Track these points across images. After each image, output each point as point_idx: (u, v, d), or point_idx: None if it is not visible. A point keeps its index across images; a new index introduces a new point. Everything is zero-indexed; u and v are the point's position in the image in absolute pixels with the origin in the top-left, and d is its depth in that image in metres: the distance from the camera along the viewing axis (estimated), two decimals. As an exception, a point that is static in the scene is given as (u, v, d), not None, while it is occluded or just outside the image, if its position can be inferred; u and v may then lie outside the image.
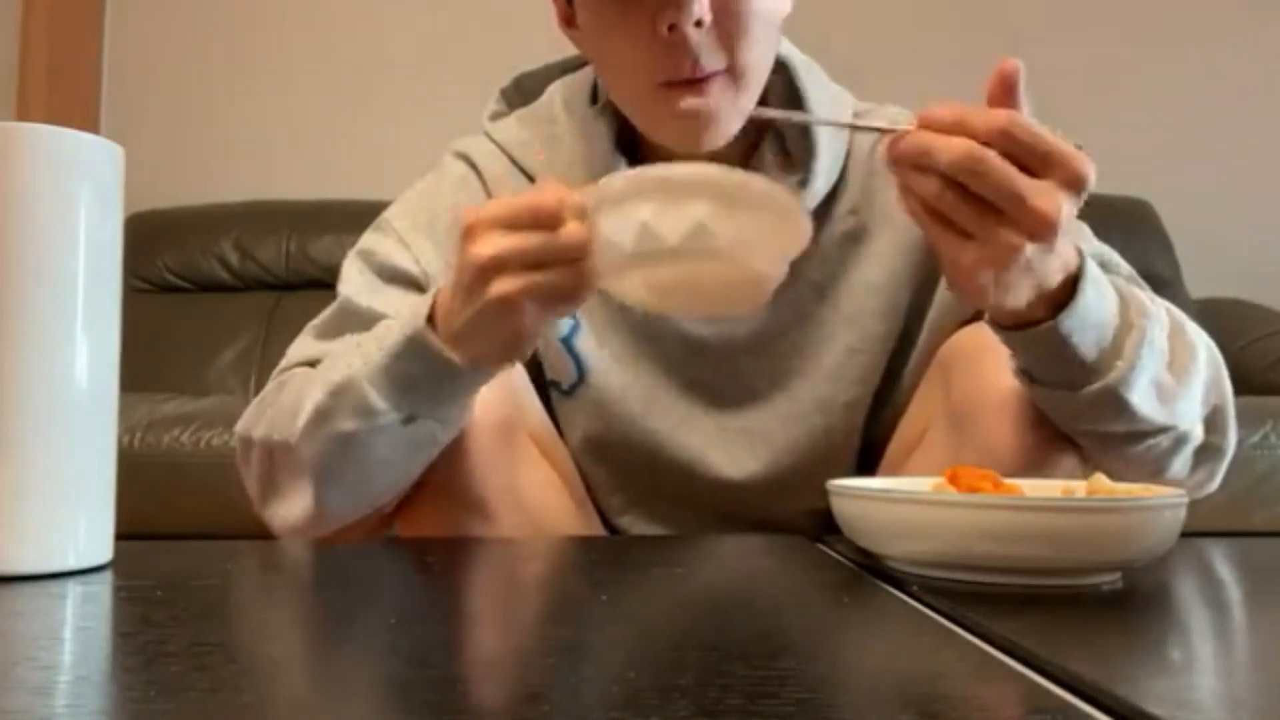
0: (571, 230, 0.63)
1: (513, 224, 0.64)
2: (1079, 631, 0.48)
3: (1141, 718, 0.33)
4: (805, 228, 0.61)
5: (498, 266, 0.64)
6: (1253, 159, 2.63)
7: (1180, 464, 0.77)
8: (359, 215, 2.43)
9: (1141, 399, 0.71)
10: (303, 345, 0.88)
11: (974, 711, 0.35)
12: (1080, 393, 0.70)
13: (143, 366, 2.14)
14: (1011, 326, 0.69)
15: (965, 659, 0.42)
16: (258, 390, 0.86)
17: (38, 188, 0.55)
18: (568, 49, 1.00)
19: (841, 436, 0.92)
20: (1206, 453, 0.79)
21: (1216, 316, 2.38)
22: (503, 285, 0.64)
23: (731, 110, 0.82)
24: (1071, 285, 0.67)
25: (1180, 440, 0.76)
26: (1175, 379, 0.73)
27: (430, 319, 0.70)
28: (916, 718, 0.34)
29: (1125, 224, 2.38)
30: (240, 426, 0.83)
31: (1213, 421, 0.79)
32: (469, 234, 0.65)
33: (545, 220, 0.63)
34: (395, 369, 0.70)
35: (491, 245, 0.64)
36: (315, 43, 2.65)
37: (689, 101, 0.80)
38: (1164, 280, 2.34)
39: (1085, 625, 0.49)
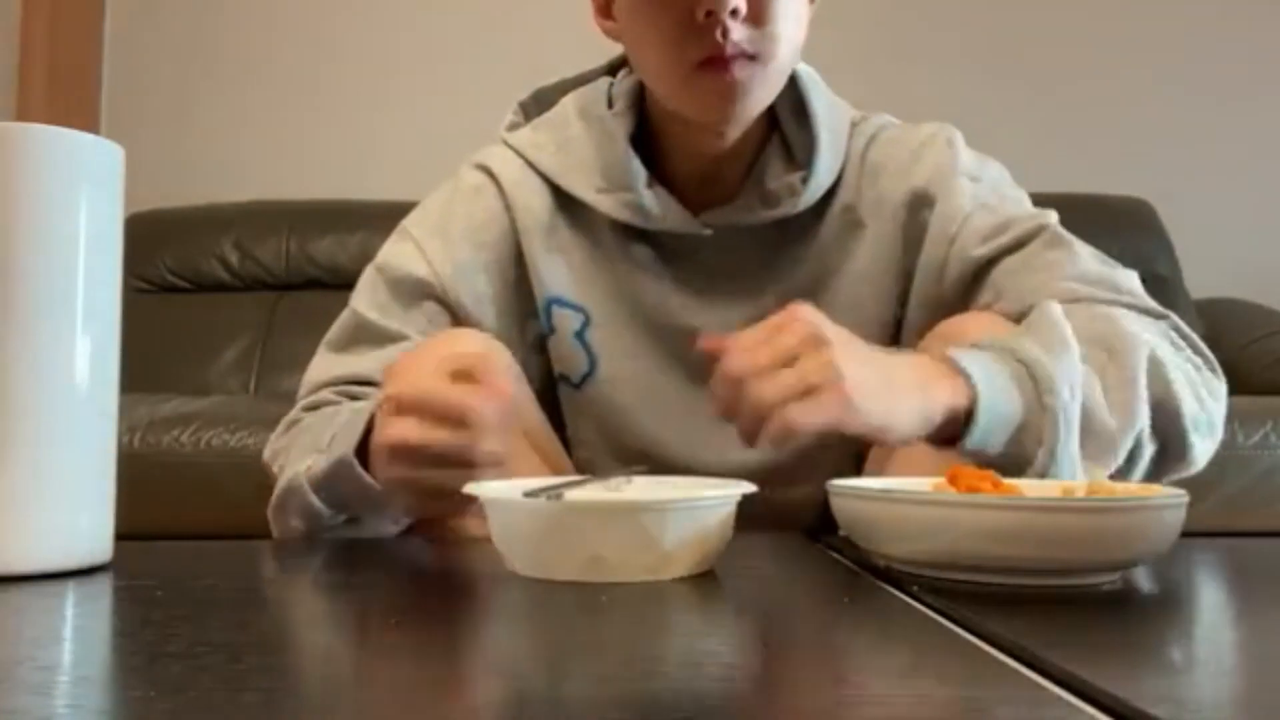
0: (481, 449, 0.66)
1: (430, 414, 0.66)
2: (1079, 631, 0.48)
3: (1141, 718, 0.33)
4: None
5: (401, 453, 0.68)
6: (1253, 159, 2.63)
7: (1140, 474, 0.78)
8: (359, 215, 2.45)
9: (1074, 468, 0.72)
10: (323, 363, 0.93)
11: (974, 711, 0.35)
12: (1024, 474, 0.72)
13: (143, 366, 2.14)
14: (941, 442, 0.71)
15: (965, 659, 0.42)
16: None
17: (38, 188, 0.55)
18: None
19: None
20: (1169, 457, 0.79)
21: (1216, 316, 2.38)
22: (399, 470, 0.69)
23: (759, 90, 0.87)
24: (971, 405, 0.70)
25: (1132, 461, 0.77)
26: (1118, 420, 0.74)
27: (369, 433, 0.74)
28: (916, 718, 0.34)
29: (1125, 224, 2.38)
30: (267, 453, 0.89)
31: (1161, 428, 0.77)
32: (390, 406, 0.69)
33: (459, 420, 0.66)
34: (330, 483, 0.75)
35: (401, 430, 0.68)
36: (315, 43, 2.65)
37: (719, 78, 0.84)
38: (1164, 280, 2.34)
39: (1085, 625, 0.49)
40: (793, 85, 0.94)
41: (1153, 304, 0.85)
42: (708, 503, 0.60)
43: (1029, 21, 2.64)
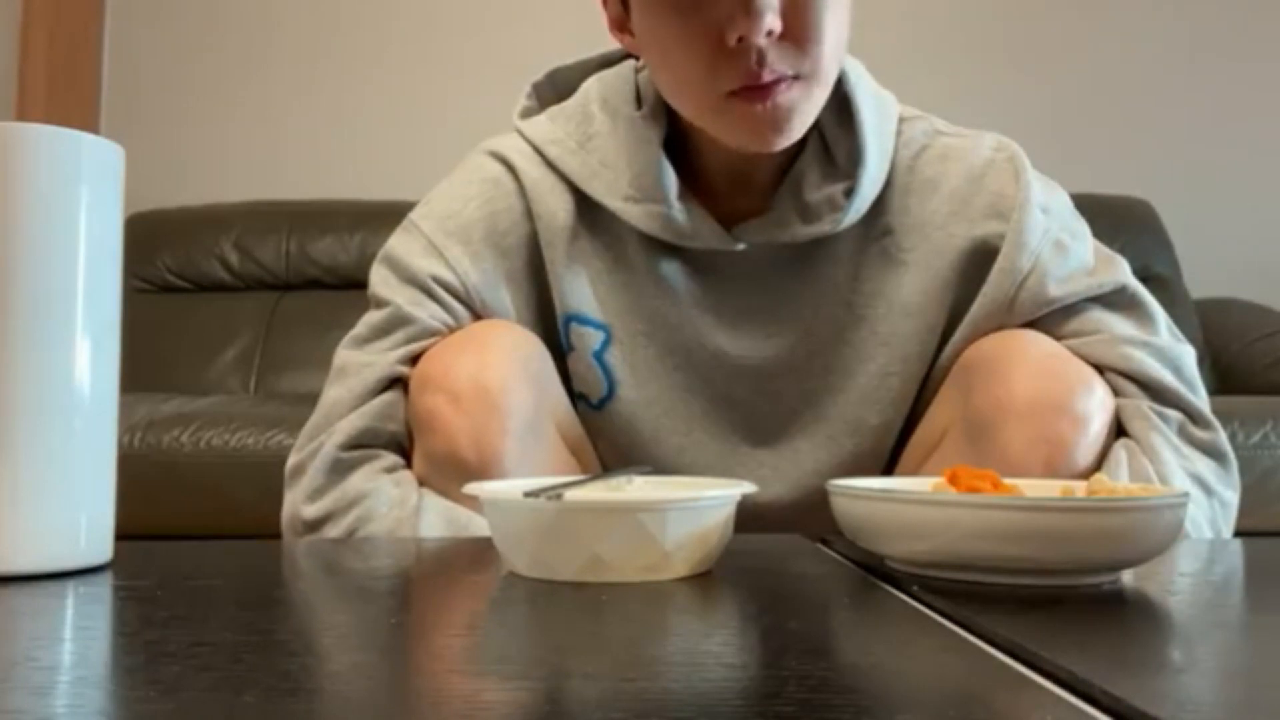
0: None
1: None
2: (1079, 631, 0.48)
3: (1141, 718, 0.33)
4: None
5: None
6: (1253, 159, 2.63)
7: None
8: (359, 215, 2.45)
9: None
10: (354, 357, 0.88)
11: (973, 711, 0.35)
12: None
13: (143, 366, 2.14)
14: None
15: (965, 659, 0.42)
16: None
17: (38, 188, 0.55)
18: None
19: (870, 459, 0.91)
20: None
21: (1216, 316, 2.38)
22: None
23: (803, 110, 0.80)
24: None
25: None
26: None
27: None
28: (916, 718, 0.34)
29: (1125, 224, 2.38)
30: (292, 461, 0.87)
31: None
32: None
33: None
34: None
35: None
36: (315, 43, 2.65)
37: (760, 107, 0.78)
38: (1164, 280, 2.34)
39: (1085, 625, 0.49)
40: (837, 81, 0.86)
41: (1203, 406, 0.86)
42: (708, 503, 0.60)
43: (1029, 21, 2.64)
